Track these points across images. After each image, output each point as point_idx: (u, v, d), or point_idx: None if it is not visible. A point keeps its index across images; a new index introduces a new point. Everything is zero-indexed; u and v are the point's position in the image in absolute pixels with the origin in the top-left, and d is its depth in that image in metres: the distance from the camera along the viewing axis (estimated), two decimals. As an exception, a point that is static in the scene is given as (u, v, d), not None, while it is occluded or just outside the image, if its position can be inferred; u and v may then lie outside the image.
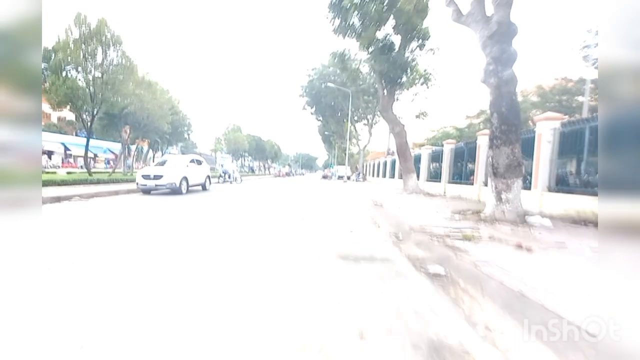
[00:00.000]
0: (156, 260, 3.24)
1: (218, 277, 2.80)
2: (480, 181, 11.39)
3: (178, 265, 3.13)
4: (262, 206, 8.65)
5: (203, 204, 8.56)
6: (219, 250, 3.82)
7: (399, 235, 5.18)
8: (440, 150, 15.16)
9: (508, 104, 5.82)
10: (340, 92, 28.79)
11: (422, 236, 4.85)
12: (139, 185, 10.06)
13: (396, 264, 3.49)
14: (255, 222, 6.00)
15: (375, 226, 5.98)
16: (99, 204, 7.54)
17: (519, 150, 6.10)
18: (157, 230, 4.85)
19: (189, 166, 11.51)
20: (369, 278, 2.93)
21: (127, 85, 14.84)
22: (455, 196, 12.63)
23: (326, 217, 6.87)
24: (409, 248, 4.31)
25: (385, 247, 4.31)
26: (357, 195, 13.54)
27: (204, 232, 4.81)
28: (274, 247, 4.06)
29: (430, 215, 6.98)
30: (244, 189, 14.86)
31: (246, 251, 3.81)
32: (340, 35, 12.74)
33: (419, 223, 5.82)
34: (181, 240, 4.25)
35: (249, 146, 45.37)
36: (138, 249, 3.70)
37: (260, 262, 3.34)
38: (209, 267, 3.11)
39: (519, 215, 6.20)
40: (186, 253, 3.60)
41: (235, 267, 3.14)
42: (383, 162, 27.29)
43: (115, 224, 5.15)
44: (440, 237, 4.77)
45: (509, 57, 5.74)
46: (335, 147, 44.55)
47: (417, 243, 4.56)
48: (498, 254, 3.71)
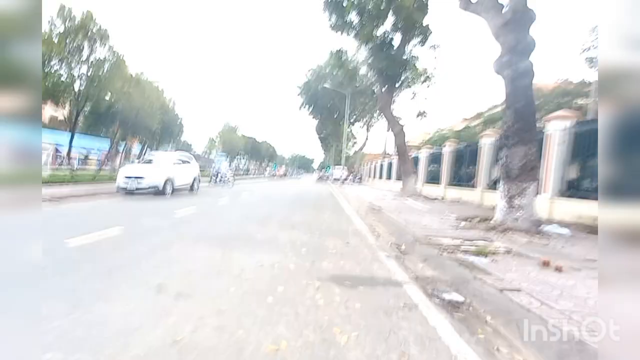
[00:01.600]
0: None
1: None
2: (483, 184, 10.81)
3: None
4: (247, 209, 7.95)
5: (185, 209, 7.86)
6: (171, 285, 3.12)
7: (402, 247, 4.53)
8: (439, 152, 14.59)
9: (524, 99, 5.21)
10: (337, 94, 28.20)
11: (429, 249, 4.20)
12: (119, 186, 9.28)
13: (402, 288, 2.82)
14: (233, 229, 5.30)
15: (374, 235, 5.31)
16: (66, 208, 6.79)
17: (534, 151, 5.49)
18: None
19: (174, 166, 10.66)
20: (369, 312, 2.26)
21: (114, 81, 14.07)
22: (456, 199, 12.03)
23: (319, 223, 6.18)
24: (415, 265, 3.64)
25: (388, 263, 3.64)
26: (353, 198, 12.88)
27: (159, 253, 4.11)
28: (252, 264, 3.37)
29: (433, 221, 6.34)
30: (234, 190, 14.14)
31: (213, 274, 3.12)
32: (337, 31, 12.14)
33: (423, 232, 5.17)
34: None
35: (244, 147, 44.54)
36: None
37: (229, 292, 2.65)
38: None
39: (533, 223, 5.57)
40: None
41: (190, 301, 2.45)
42: (380, 164, 26.71)
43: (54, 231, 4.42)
44: (450, 249, 4.12)
45: (525, 47, 5.13)
46: (332, 148, 43.89)
47: (424, 258, 3.90)
48: (524, 274, 3.06)
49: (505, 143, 5.71)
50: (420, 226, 5.73)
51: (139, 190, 9.17)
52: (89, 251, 3.46)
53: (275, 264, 3.35)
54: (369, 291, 2.69)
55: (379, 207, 8.75)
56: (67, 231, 4.15)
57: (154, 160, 10.74)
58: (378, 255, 3.98)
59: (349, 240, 4.74)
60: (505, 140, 5.72)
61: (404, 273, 3.30)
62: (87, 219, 5.66)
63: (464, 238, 4.83)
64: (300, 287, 2.67)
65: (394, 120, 11.99)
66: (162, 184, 9.45)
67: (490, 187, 10.53)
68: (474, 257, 3.73)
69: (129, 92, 15.74)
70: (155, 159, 10.82)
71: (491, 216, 6.72)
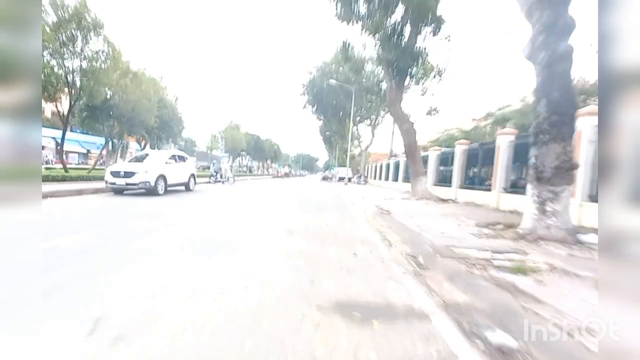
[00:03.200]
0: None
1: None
2: (500, 186, 10.01)
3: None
4: (244, 211, 7.29)
5: (174, 209, 7.22)
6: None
7: (420, 259, 3.81)
8: (450, 152, 13.79)
9: (561, 87, 4.45)
10: (343, 91, 27.45)
11: (453, 263, 3.48)
12: (107, 183, 8.68)
13: (430, 323, 2.12)
14: (222, 233, 4.63)
15: (386, 244, 4.60)
16: (43, 206, 6.19)
17: (572, 149, 4.73)
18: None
19: (168, 163, 10.05)
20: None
21: (109, 74, 13.48)
22: (469, 202, 11.24)
23: (322, 228, 5.48)
24: (440, 285, 2.93)
25: (406, 282, 2.94)
26: (359, 199, 12.16)
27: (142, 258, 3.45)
28: (236, 284, 2.69)
29: (452, 228, 5.60)
30: (234, 190, 13.49)
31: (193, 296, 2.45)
32: (344, 21, 11.42)
33: (442, 240, 4.45)
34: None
35: (247, 145, 43.82)
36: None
37: (193, 331, 1.97)
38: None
39: (568, 232, 4.81)
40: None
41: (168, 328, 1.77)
42: (386, 165, 25.89)
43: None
44: (480, 264, 3.40)
45: (565, 25, 4.38)
46: (337, 148, 43.10)
47: (449, 275, 3.19)
48: (585, 303, 2.34)
49: (536, 140, 4.95)
50: (437, 233, 5.01)
51: (130, 187, 8.56)
52: (30, 264, 2.79)
53: (265, 283, 2.67)
54: (387, 329, 1.98)
55: (387, 210, 8.02)
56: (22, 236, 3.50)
57: (147, 158, 10.13)
58: (392, 270, 3.27)
59: (356, 250, 4.03)
60: (535, 138, 4.96)
61: (427, 297, 2.60)
62: (53, 222, 5.02)
63: (491, 249, 4.10)
64: (294, 323, 1.98)
65: (404, 117, 11.22)
66: (154, 181, 8.82)
67: (508, 190, 9.76)
68: (512, 276, 3.01)
69: (124, 85, 15.13)
70: (149, 156, 10.21)
71: (515, 222, 5.97)
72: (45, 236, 3.65)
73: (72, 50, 12.07)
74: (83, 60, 11.97)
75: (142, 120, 16.87)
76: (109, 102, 15.42)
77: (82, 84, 12.17)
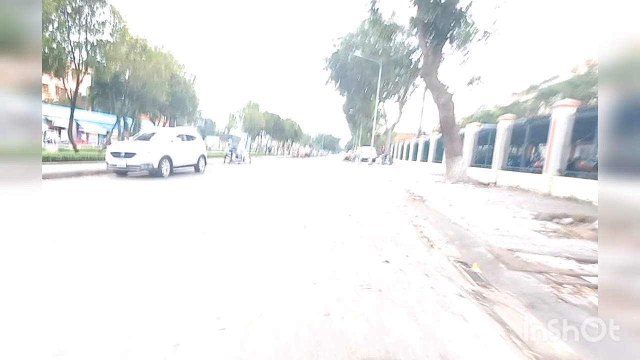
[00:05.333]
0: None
1: None
2: (553, 169, 8.54)
3: None
4: (255, 198, 6.50)
5: (176, 194, 6.59)
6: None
7: (476, 269, 2.82)
8: (492, 128, 12.18)
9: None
10: (369, 64, 25.51)
11: (528, 279, 2.47)
12: (108, 165, 8.12)
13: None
14: (225, 231, 3.85)
15: (425, 243, 3.61)
16: (29, 190, 5.74)
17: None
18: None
19: (174, 142, 9.23)
20: None
21: (117, 48, 12.85)
22: (513, 187, 9.84)
23: (342, 222, 4.55)
24: (519, 320, 1.94)
25: (467, 314, 1.99)
26: (385, 182, 11.06)
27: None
28: (209, 328, 1.88)
29: (506, 221, 4.49)
30: (248, 172, 12.69)
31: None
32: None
33: (499, 240, 3.40)
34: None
35: (266, 125, 42.92)
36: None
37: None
38: None
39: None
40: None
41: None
42: (414, 144, 24.19)
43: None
44: (569, 283, 2.39)
45: None
46: (360, 126, 41.26)
47: (527, 299, 2.19)
48: None
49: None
50: (491, 229, 3.94)
51: (131, 169, 7.93)
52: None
53: (255, 318, 1.83)
54: None
55: (420, 195, 6.94)
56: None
57: (153, 136, 9.41)
58: (442, 291, 2.31)
59: (387, 253, 3.09)
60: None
61: (507, 346, 1.65)
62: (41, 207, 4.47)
63: (574, 256, 3.02)
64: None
65: (441, 88, 9.73)
66: (157, 163, 8.17)
67: (564, 173, 8.30)
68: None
69: (133, 60, 14.48)
70: (156, 135, 9.49)
71: (587, 215, 4.76)
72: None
73: (78, 22, 11.46)
74: (89, 34, 11.35)
75: (154, 98, 16.25)
76: (119, 79, 14.92)
77: (88, 57, 11.63)
